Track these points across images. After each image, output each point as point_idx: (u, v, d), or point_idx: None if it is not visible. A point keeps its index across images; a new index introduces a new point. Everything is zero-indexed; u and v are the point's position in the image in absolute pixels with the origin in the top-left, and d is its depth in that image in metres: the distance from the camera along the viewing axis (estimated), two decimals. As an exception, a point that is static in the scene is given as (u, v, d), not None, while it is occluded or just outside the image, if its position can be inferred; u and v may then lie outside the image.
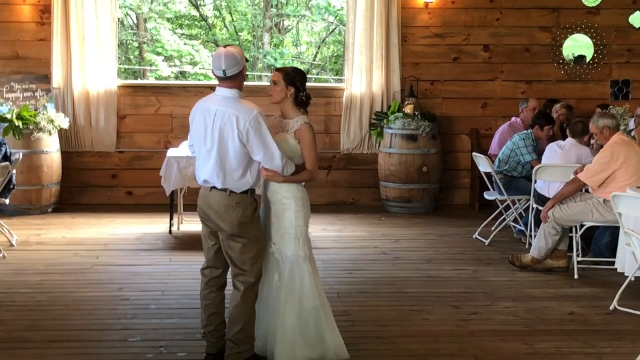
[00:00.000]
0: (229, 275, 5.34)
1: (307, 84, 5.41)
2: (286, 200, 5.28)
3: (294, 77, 5.29)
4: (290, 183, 5.26)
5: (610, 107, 10.03)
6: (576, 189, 7.60)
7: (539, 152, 8.92)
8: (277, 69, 5.43)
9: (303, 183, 5.39)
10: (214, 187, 5.14)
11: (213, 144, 5.07)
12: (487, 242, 8.88)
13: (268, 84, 5.44)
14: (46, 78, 10.41)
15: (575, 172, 7.71)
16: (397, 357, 5.63)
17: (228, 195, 5.09)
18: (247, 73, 5.27)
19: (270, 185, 5.31)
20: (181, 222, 9.48)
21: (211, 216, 5.17)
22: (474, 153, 9.57)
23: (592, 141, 8.57)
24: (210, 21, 17.66)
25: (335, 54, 17.16)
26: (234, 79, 5.11)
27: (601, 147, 7.66)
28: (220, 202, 5.10)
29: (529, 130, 9.03)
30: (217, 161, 5.07)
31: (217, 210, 5.12)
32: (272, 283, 5.32)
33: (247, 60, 5.33)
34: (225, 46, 5.19)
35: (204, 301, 5.34)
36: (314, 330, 5.31)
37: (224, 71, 5.07)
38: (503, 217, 9.12)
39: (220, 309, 5.31)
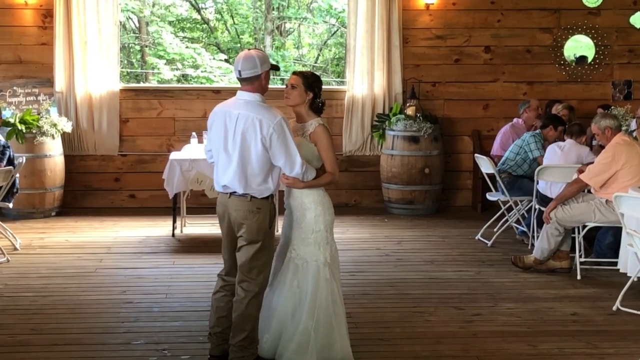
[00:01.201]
0: None
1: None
2: (306, 206, 5.27)
3: (313, 83, 5.28)
4: (310, 188, 5.25)
5: (612, 107, 10.02)
6: (578, 189, 7.61)
7: (543, 152, 8.99)
8: (296, 73, 5.37)
9: (324, 187, 5.37)
10: (233, 193, 5.09)
11: (235, 149, 5.02)
12: (489, 243, 8.89)
13: (271, 86, 5.41)
14: (49, 82, 10.43)
15: (579, 171, 7.73)
16: (399, 358, 5.64)
17: (249, 200, 5.05)
18: (269, 78, 5.20)
19: (291, 191, 5.30)
20: (184, 225, 9.50)
21: (231, 222, 5.14)
22: (476, 154, 9.59)
23: (594, 142, 8.59)
24: (211, 24, 17.68)
25: (337, 56, 17.17)
26: (251, 82, 5.06)
27: (602, 147, 7.67)
28: (241, 208, 5.05)
29: (539, 130, 9.05)
30: (238, 166, 5.02)
31: (236, 217, 5.08)
32: (291, 289, 5.31)
33: (275, 68, 5.27)
34: (249, 49, 5.17)
35: (216, 303, 5.31)
36: (325, 336, 5.30)
37: (239, 72, 5.05)
38: (505, 218, 9.13)
39: (230, 314, 5.26)
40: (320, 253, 5.30)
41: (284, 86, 5.37)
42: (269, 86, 5.29)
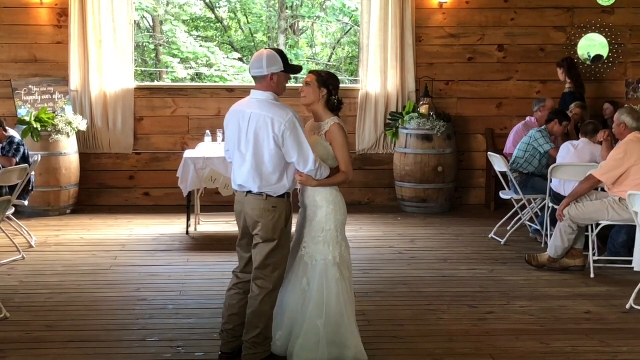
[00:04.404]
0: None
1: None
2: (318, 204, 5.28)
3: (327, 80, 5.29)
4: (324, 187, 5.26)
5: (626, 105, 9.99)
6: (591, 186, 7.59)
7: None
8: (311, 71, 5.39)
9: (338, 187, 5.38)
10: (249, 192, 5.12)
11: (248, 148, 5.06)
12: (502, 241, 8.89)
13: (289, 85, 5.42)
14: (64, 81, 10.49)
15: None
16: (413, 356, 5.65)
17: (265, 199, 5.07)
18: (283, 80, 5.16)
19: (305, 189, 5.32)
20: (198, 223, 9.53)
21: (247, 221, 5.17)
22: (489, 153, 9.58)
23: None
24: (225, 23, 17.73)
25: (350, 54, 17.19)
26: (260, 81, 5.10)
27: (614, 136, 7.73)
28: (257, 207, 5.08)
29: (544, 126, 9.05)
30: (252, 165, 5.05)
31: (252, 215, 5.10)
32: (301, 287, 5.33)
33: (293, 71, 5.27)
34: (266, 48, 5.21)
35: (228, 300, 5.36)
36: (336, 335, 5.31)
37: (250, 69, 5.13)
38: (519, 216, 9.12)
39: (241, 312, 5.30)
40: (330, 252, 5.30)
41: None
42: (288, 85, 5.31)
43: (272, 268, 5.13)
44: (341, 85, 5.51)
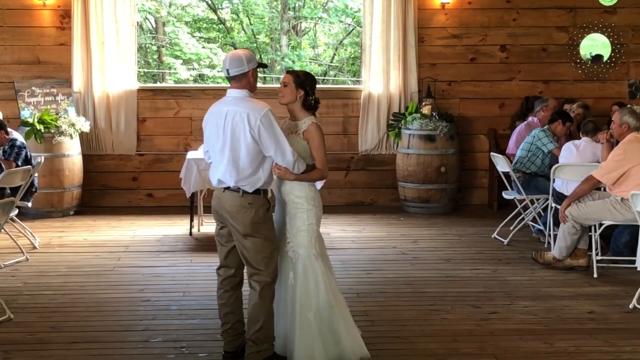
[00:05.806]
0: (244, 274, 5.39)
1: (326, 85, 5.48)
2: (298, 200, 5.33)
3: (304, 81, 5.38)
4: (301, 182, 5.31)
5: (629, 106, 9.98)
6: (591, 187, 7.60)
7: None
8: (288, 72, 5.50)
9: (316, 183, 5.45)
10: (227, 188, 5.19)
11: (225, 143, 5.14)
12: (505, 241, 8.89)
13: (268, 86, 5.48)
14: (67, 82, 10.51)
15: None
16: (416, 356, 5.66)
17: (241, 196, 5.15)
18: (257, 76, 5.34)
19: (282, 185, 5.37)
20: (201, 224, 9.54)
21: (225, 217, 5.23)
22: (492, 153, 9.59)
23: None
24: (228, 24, 17.73)
25: (353, 55, 17.19)
26: (239, 80, 5.20)
27: (612, 136, 7.74)
28: (233, 203, 5.15)
29: (547, 126, 9.06)
30: (230, 160, 5.13)
31: (230, 211, 5.17)
32: (288, 282, 5.36)
33: (263, 66, 5.44)
34: (236, 49, 5.29)
35: (219, 300, 5.42)
36: (330, 329, 5.34)
37: (227, 70, 5.21)
38: (522, 216, 9.13)
39: (235, 308, 5.38)
40: (312, 245, 5.35)
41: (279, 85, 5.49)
42: (267, 86, 5.37)
43: (265, 262, 5.18)
44: (344, 86, 5.56)
